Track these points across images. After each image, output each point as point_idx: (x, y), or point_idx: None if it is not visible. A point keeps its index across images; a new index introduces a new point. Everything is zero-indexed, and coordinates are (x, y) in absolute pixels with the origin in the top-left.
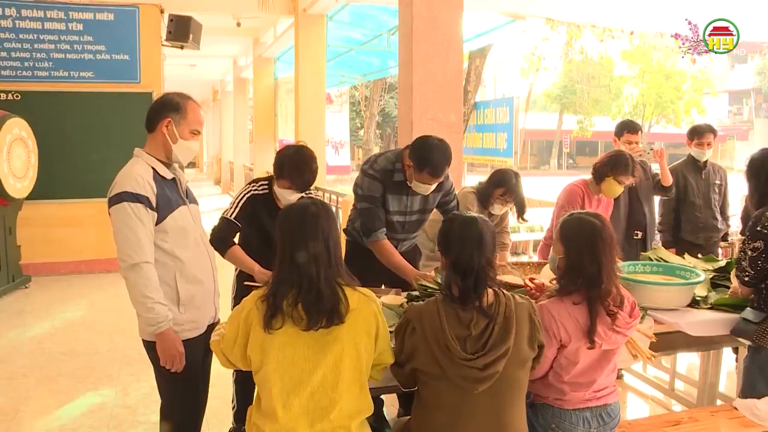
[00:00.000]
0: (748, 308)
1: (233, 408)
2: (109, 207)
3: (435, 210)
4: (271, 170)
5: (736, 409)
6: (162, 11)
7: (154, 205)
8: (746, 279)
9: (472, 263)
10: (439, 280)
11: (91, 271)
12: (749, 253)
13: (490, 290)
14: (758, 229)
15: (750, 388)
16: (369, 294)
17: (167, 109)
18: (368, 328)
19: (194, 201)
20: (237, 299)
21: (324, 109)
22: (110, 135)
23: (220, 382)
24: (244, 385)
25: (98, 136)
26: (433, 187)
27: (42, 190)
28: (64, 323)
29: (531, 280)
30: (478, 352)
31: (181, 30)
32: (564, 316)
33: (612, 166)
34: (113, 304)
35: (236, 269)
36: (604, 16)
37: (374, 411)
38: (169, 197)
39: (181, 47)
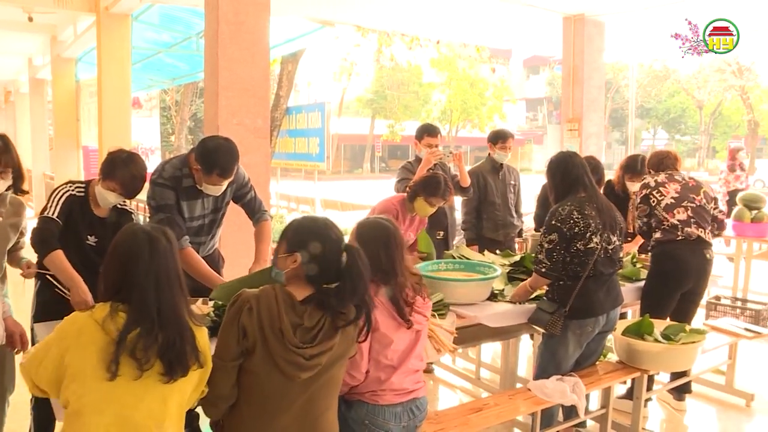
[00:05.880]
0: (544, 298)
1: None
2: None
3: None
4: (73, 178)
5: (530, 390)
6: None
7: None
8: (543, 270)
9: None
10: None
11: None
12: (546, 245)
13: None
14: (553, 222)
15: (542, 371)
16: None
17: None
18: (201, 358)
19: None
20: (38, 317)
21: (130, 114)
22: None
23: (16, 412)
24: (43, 412)
25: None
26: (225, 186)
27: None
28: None
29: None
30: (307, 343)
31: None
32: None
33: (424, 187)
34: None
35: (36, 283)
36: (411, 25)
37: (191, 425)
38: None
39: None
